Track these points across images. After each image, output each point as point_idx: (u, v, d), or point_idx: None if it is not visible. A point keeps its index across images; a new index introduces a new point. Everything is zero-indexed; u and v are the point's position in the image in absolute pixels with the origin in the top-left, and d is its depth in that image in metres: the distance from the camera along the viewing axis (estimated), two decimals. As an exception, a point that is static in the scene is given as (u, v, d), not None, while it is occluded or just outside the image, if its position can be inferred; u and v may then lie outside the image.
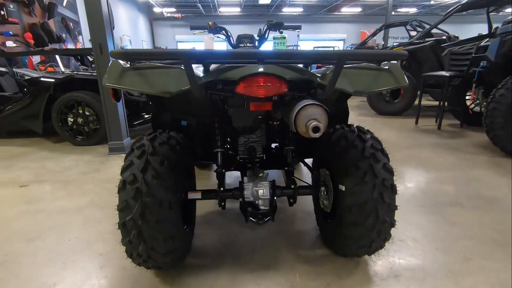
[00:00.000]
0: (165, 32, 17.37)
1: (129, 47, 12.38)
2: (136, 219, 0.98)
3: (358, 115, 4.86)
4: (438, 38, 4.56)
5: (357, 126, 1.25)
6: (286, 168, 1.39)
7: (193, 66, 1.02)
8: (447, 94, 3.60)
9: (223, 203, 1.29)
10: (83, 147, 3.16)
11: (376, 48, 14.20)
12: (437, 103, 4.37)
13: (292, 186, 1.29)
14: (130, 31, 13.24)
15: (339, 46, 17.57)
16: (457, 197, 1.89)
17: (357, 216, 1.07)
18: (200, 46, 16.66)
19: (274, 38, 2.08)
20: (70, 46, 8.08)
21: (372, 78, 0.99)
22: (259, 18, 16.71)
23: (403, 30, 6.11)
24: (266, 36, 2.12)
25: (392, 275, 1.20)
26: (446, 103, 3.72)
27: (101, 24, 2.58)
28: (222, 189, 1.26)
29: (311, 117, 0.92)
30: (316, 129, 0.90)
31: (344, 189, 1.10)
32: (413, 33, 5.44)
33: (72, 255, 1.36)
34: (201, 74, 1.01)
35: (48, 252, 1.38)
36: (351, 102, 6.42)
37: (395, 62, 1.07)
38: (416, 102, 4.28)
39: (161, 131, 1.19)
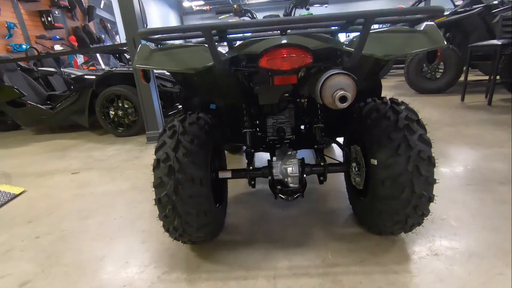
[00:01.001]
0: (195, 26, 17.72)
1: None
2: (170, 194, 1.04)
3: (395, 95, 4.58)
4: (488, 3, 4.09)
5: (390, 98, 1.18)
6: (315, 146, 1.37)
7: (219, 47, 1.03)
8: (498, 65, 3.24)
9: (253, 182, 1.31)
10: (124, 138, 3.38)
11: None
12: (486, 78, 3.95)
13: (322, 164, 1.26)
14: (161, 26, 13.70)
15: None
16: (508, 175, 1.71)
17: (391, 189, 1.03)
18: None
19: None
20: (110, 42, 8.58)
21: (404, 40, 0.91)
22: (287, 3, 16.25)
23: (446, 1, 5.57)
24: (292, 15, 2.06)
25: (432, 253, 1.14)
26: (497, 76, 3.35)
27: (133, 20, 2.70)
28: (251, 168, 1.28)
29: (338, 87, 0.89)
30: (343, 99, 0.87)
31: (376, 163, 1.06)
32: (459, 2, 4.94)
33: (117, 231, 1.48)
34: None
35: (97, 228, 1.52)
36: (388, 82, 6.06)
37: (432, 23, 0.98)
38: (462, 78, 3.92)
39: (191, 112, 1.23)
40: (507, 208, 1.40)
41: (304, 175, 1.24)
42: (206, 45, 0.94)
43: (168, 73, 3.85)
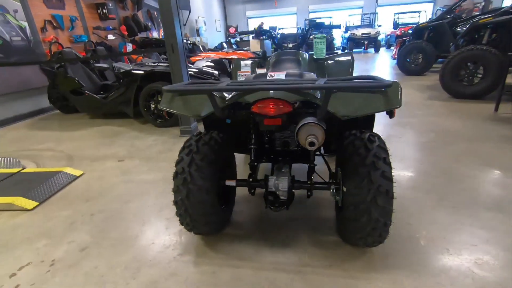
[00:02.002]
0: (237, 10, 17.77)
1: (203, 28, 13.24)
2: (183, 199, 1.39)
3: (427, 98, 4.47)
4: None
5: (369, 134, 1.37)
6: (308, 165, 1.62)
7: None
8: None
9: (252, 191, 1.61)
10: (162, 128, 3.86)
11: (474, 11, 11.88)
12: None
13: (309, 182, 1.52)
14: (204, 13, 14.04)
15: (427, 9, 15.23)
16: (499, 201, 1.80)
17: (354, 213, 1.27)
18: (268, 21, 16.59)
19: (314, 38, 2.18)
20: (155, 33, 9.18)
21: (364, 101, 1.10)
22: None
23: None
24: (308, 35, 2.25)
25: (394, 266, 1.37)
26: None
27: (172, 28, 3.04)
28: (251, 179, 1.58)
29: (309, 133, 1.14)
30: (311, 143, 1.12)
31: (345, 190, 1.30)
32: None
33: (149, 217, 1.90)
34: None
35: (135, 212, 1.96)
36: (426, 80, 5.82)
37: (396, 81, 1.16)
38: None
39: (205, 133, 1.55)
40: (479, 233, 1.54)
41: (293, 190, 1.52)
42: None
43: (205, 71, 4.22)
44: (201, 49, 7.49)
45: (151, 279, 1.40)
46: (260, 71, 2.23)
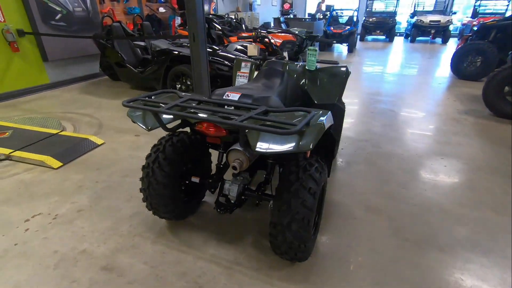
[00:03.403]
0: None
1: (257, 1, 13.04)
2: (145, 190, 1.66)
3: (463, 111, 4.06)
4: None
5: (305, 164, 1.44)
6: (265, 176, 1.77)
7: None
8: None
9: (212, 189, 1.83)
10: (183, 108, 4.20)
11: None
12: None
13: (256, 193, 1.68)
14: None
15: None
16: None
17: (274, 230, 1.41)
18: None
19: (307, 50, 2.18)
20: (205, 6, 9.39)
21: (275, 141, 1.18)
22: None
23: None
24: (304, 45, 2.26)
25: (312, 282, 1.51)
26: None
27: (194, 18, 3.22)
28: (210, 180, 1.79)
29: (235, 158, 1.30)
30: (234, 167, 1.29)
31: (270, 210, 1.44)
32: None
33: (136, 193, 2.25)
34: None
35: (128, 187, 2.33)
36: (475, 89, 5.19)
37: (321, 121, 1.22)
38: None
39: (177, 134, 1.77)
40: (414, 274, 1.57)
41: (242, 197, 1.70)
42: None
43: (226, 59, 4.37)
44: (244, 27, 7.53)
45: (116, 247, 1.74)
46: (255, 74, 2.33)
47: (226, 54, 4.44)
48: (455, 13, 12.89)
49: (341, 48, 10.62)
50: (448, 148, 2.99)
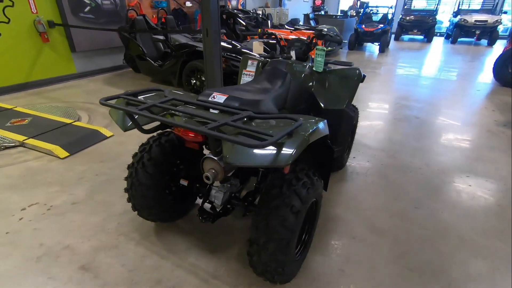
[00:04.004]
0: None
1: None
2: (129, 189, 1.61)
3: (502, 123, 3.61)
4: None
5: (297, 176, 1.30)
6: (255, 184, 1.64)
7: None
8: None
9: (200, 194, 1.73)
10: (197, 104, 4.16)
11: None
12: None
13: (244, 202, 1.56)
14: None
15: None
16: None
17: (250, 248, 1.28)
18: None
19: (316, 49, 2.00)
20: (234, 2, 9.31)
21: (248, 153, 1.03)
22: None
23: None
24: (312, 43, 2.08)
25: (291, 308, 1.37)
26: None
27: (209, 14, 3.13)
28: (198, 185, 1.69)
29: (209, 167, 1.19)
30: (207, 177, 1.18)
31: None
32: None
33: (132, 189, 2.22)
34: None
35: (125, 183, 2.31)
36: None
37: (306, 133, 1.06)
38: None
39: (167, 134, 1.69)
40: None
41: (229, 206, 1.59)
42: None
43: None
44: (270, 24, 7.35)
45: (99, 245, 1.71)
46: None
47: (245, 50, 4.33)
48: (505, 12, 11.72)
49: (374, 48, 10.07)
50: (478, 164, 2.66)
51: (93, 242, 1.73)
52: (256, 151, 1.04)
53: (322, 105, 2.05)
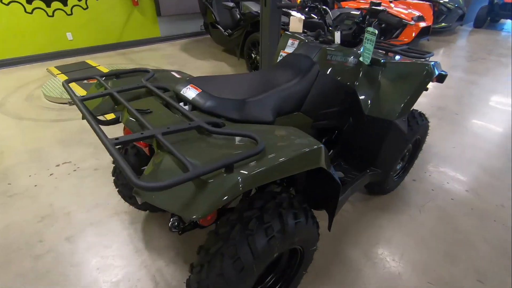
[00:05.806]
0: None
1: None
2: (115, 180, 1.55)
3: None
4: None
5: (280, 199, 0.99)
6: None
7: None
8: None
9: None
10: (255, 80, 3.89)
11: None
12: None
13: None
14: None
15: None
16: None
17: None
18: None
19: (366, 31, 1.41)
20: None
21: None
22: None
23: None
24: (365, 22, 1.48)
25: None
26: None
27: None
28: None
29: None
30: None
31: None
32: None
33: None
34: None
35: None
36: None
37: (244, 175, 0.70)
38: None
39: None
40: None
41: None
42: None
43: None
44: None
45: (94, 218, 1.75)
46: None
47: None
48: None
49: (514, 26, 7.58)
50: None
51: (90, 215, 1.77)
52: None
53: (364, 111, 1.51)
